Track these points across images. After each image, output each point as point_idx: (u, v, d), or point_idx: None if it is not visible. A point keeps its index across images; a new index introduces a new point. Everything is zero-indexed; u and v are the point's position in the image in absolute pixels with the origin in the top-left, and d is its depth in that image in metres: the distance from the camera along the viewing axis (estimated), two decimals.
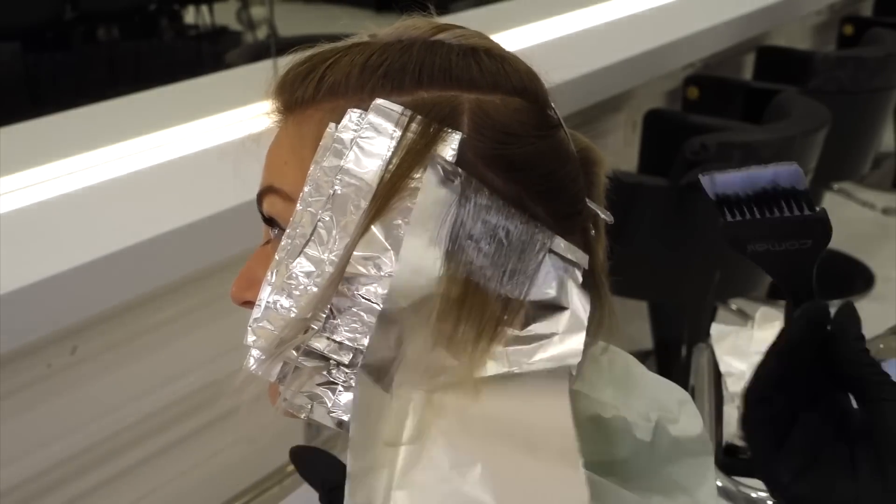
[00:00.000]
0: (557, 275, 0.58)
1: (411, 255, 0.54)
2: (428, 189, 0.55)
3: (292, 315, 0.57)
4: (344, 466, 0.52)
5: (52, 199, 1.56)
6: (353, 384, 0.55)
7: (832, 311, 0.58)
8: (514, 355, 0.55)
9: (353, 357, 0.56)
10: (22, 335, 1.32)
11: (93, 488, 1.53)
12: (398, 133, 0.57)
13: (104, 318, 1.45)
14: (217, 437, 1.65)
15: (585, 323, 0.57)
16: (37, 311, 1.32)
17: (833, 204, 3.45)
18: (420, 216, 0.55)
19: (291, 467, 1.87)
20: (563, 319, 0.57)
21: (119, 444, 1.54)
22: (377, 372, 0.53)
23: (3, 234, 1.43)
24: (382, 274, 0.56)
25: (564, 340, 0.56)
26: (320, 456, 0.55)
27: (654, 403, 0.65)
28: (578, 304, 0.57)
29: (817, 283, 0.57)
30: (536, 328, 0.56)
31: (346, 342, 0.56)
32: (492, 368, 0.54)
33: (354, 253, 0.56)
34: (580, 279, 0.58)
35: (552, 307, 0.57)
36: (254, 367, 0.58)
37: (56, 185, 1.60)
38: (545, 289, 0.57)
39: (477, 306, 0.55)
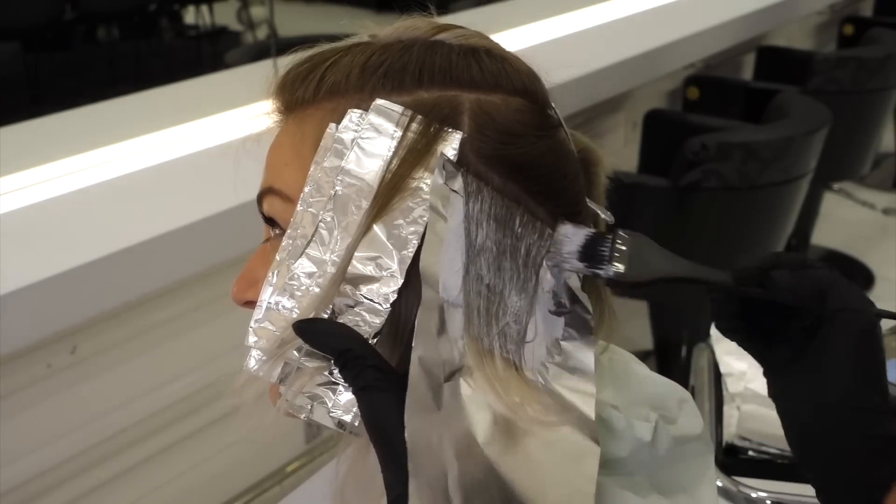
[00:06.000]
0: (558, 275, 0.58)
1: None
2: (433, 193, 0.55)
3: (294, 316, 0.57)
4: (350, 330, 0.55)
5: (52, 199, 1.56)
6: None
7: None
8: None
9: None
10: (22, 335, 1.32)
11: (93, 488, 1.53)
12: (399, 133, 0.57)
13: (104, 318, 1.45)
14: (217, 437, 1.65)
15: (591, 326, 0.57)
16: (37, 311, 1.32)
17: (833, 204, 3.45)
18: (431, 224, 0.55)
19: (291, 467, 1.87)
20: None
21: (119, 444, 1.54)
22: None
23: (3, 234, 1.43)
24: (384, 274, 0.56)
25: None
26: (326, 325, 0.55)
27: (654, 403, 0.66)
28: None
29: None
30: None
31: None
32: (500, 364, 0.54)
33: (356, 253, 0.56)
34: (580, 280, 0.58)
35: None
36: (255, 367, 0.57)
37: (56, 185, 1.60)
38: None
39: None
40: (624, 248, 0.57)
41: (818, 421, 0.57)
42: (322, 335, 0.55)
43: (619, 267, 0.56)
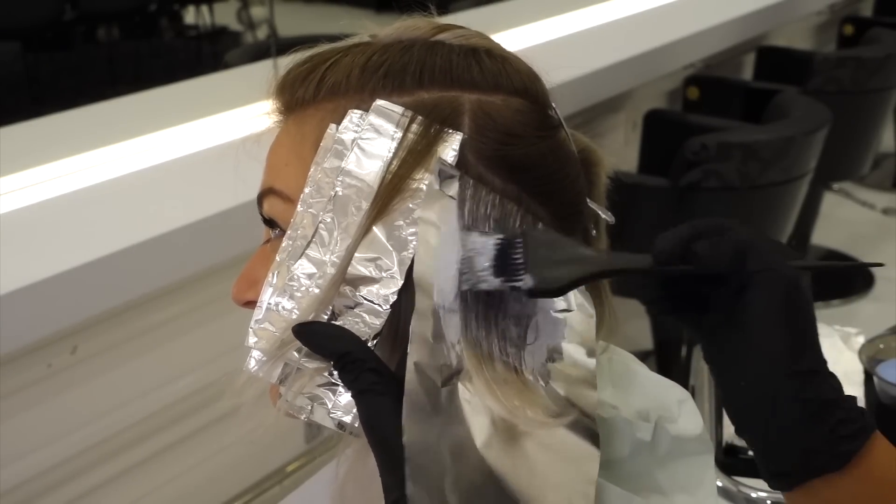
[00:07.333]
0: None
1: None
2: (427, 198, 0.55)
3: (294, 317, 0.57)
4: (349, 333, 0.54)
5: (52, 199, 1.56)
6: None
7: None
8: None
9: None
10: (22, 335, 1.32)
11: (93, 488, 1.53)
12: (399, 134, 0.57)
13: (104, 318, 1.45)
14: (217, 438, 1.65)
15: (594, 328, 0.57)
16: (37, 311, 1.31)
17: (833, 204, 3.45)
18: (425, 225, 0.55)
19: (291, 467, 1.87)
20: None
21: (119, 444, 1.54)
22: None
23: (3, 234, 1.43)
24: (384, 275, 0.56)
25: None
26: (324, 327, 0.55)
27: (654, 403, 0.65)
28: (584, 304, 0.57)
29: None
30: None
31: None
32: (500, 368, 0.54)
33: (356, 254, 0.56)
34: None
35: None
36: (255, 368, 0.57)
37: (56, 185, 1.60)
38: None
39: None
40: (535, 253, 0.55)
41: (750, 385, 0.55)
42: (321, 338, 0.55)
43: (531, 280, 0.53)
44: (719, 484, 1.15)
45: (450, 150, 0.57)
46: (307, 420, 0.56)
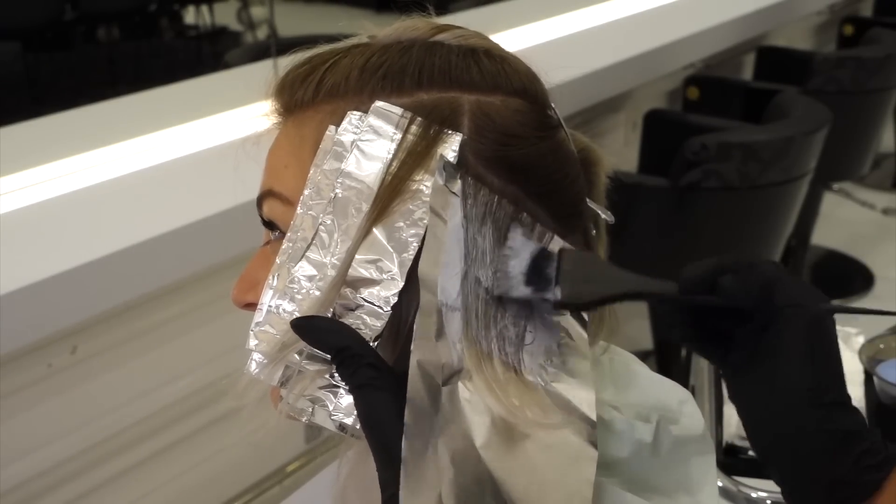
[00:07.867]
0: None
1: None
2: (434, 196, 0.55)
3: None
4: (348, 328, 0.55)
5: (52, 199, 1.56)
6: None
7: None
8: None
9: None
10: (22, 335, 1.32)
11: (93, 488, 1.53)
12: (398, 135, 0.57)
13: (104, 318, 1.45)
14: (217, 438, 1.65)
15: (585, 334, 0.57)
16: (37, 311, 1.32)
17: (833, 204, 3.45)
18: (431, 227, 0.55)
19: (291, 467, 1.87)
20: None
21: (119, 444, 1.54)
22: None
23: (3, 234, 1.43)
24: (384, 277, 0.56)
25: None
26: (324, 322, 0.55)
27: (655, 403, 0.65)
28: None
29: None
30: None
31: None
32: (499, 367, 0.54)
33: (356, 256, 0.56)
34: None
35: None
36: (256, 371, 0.57)
37: (56, 185, 1.60)
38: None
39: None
40: (567, 268, 0.56)
41: (776, 420, 0.56)
42: (320, 332, 0.55)
43: (560, 293, 0.56)
44: (719, 484, 1.15)
45: (449, 151, 0.57)
46: (308, 422, 0.56)
